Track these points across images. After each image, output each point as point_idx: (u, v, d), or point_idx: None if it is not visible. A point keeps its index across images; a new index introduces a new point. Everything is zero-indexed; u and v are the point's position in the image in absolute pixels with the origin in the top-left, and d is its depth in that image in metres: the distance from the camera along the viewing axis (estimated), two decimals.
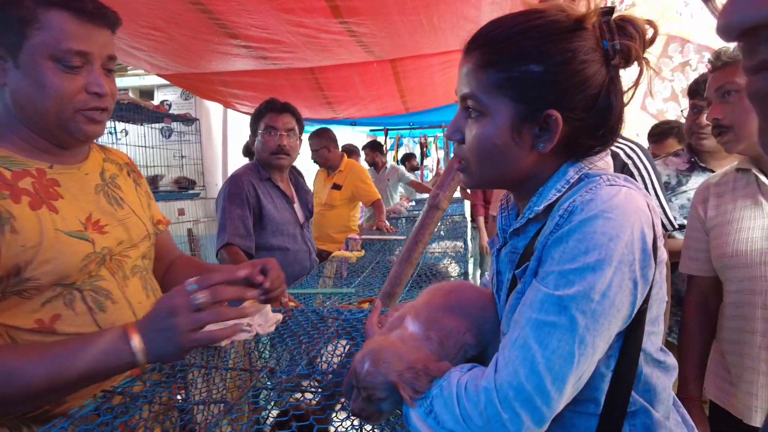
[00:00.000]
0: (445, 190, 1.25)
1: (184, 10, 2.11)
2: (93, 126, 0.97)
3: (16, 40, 0.88)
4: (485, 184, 0.80)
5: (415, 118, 4.69)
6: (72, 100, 0.92)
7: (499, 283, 0.85)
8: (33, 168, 0.94)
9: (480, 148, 0.74)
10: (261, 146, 2.20)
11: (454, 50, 2.99)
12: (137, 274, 1.09)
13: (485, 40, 0.72)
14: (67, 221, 0.94)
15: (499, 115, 0.71)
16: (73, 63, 0.90)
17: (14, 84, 0.90)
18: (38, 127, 0.94)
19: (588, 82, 0.69)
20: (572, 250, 0.64)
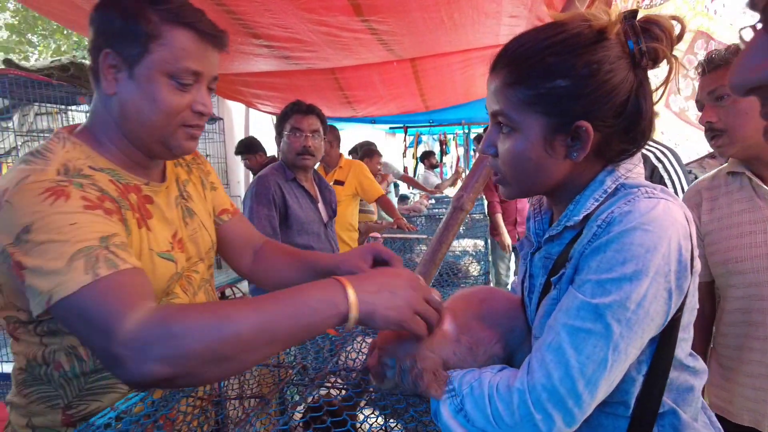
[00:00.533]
0: (470, 191, 1.26)
1: (208, 10, 2.12)
2: (191, 143, 0.98)
3: (137, 53, 0.89)
4: (523, 193, 0.82)
5: (435, 116, 4.68)
6: (178, 115, 0.93)
7: (531, 287, 0.87)
8: (133, 183, 0.96)
9: (514, 162, 0.76)
10: (287, 147, 2.25)
11: (474, 48, 3.00)
12: (203, 288, 1.10)
13: (511, 59, 0.74)
14: (159, 241, 0.96)
15: (530, 129, 0.73)
16: (186, 81, 0.91)
17: (125, 94, 0.91)
18: (139, 138, 0.95)
19: (616, 90, 0.70)
20: (610, 260, 0.66)
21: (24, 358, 0.93)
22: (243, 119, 4.62)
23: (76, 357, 0.91)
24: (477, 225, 3.22)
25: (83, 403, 0.93)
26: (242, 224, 1.26)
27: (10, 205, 0.77)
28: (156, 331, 0.67)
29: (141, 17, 0.88)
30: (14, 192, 0.78)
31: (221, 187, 1.25)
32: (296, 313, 0.70)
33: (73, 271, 0.72)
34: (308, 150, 2.22)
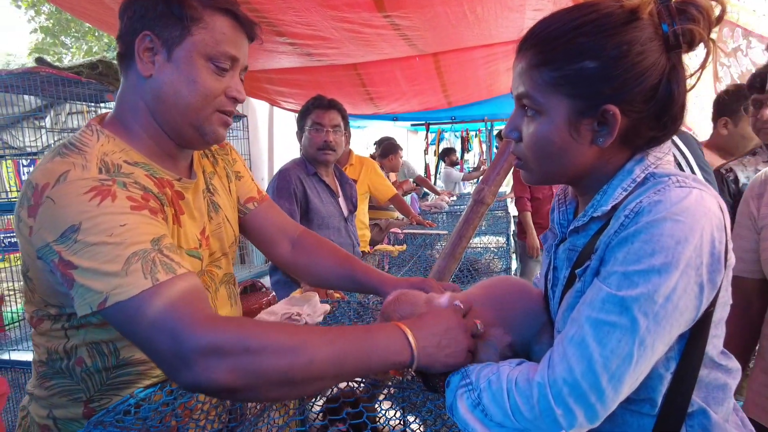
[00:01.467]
0: (491, 185, 1.24)
1: None
2: (223, 129, 0.97)
3: (178, 35, 0.89)
4: (546, 180, 0.80)
5: (458, 113, 4.64)
6: (214, 100, 0.93)
7: (554, 279, 0.85)
8: (166, 178, 0.94)
9: (538, 146, 0.74)
10: (308, 142, 2.26)
11: (497, 43, 2.96)
12: (224, 284, 1.09)
13: (538, 39, 0.72)
14: (189, 238, 0.96)
15: (555, 112, 0.71)
16: (223, 65, 0.92)
17: (163, 76, 0.90)
18: (173, 122, 0.93)
19: (646, 73, 0.67)
20: (638, 252, 0.63)
21: (45, 351, 0.94)
22: (267, 117, 4.66)
23: (98, 352, 0.91)
24: (499, 222, 3.18)
25: (105, 397, 0.93)
26: (273, 211, 1.24)
27: (53, 202, 0.77)
28: (234, 342, 0.68)
29: (183, 1, 0.89)
30: (57, 189, 0.77)
31: (248, 174, 1.23)
32: (364, 354, 0.73)
33: (132, 275, 0.72)
34: (329, 145, 2.22)
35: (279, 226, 1.23)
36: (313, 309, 1.23)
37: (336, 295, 1.55)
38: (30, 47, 11.66)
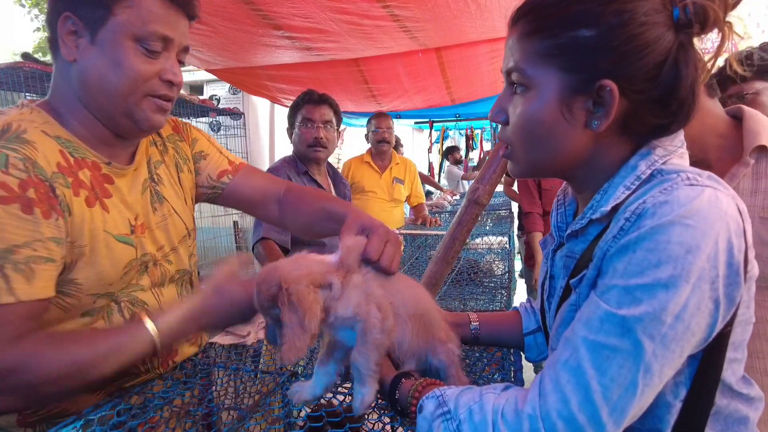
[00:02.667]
0: (486, 183, 1.15)
1: (227, 2, 2.12)
2: (159, 116, 0.91)
3: (101, 15, 0.82)
4: (534, 170, 0.71)
5: (462, 110, 4.55)
6: (144, 84, 0.86)
7: (551, 289, 0.77)
8: (91, 160, 0.89)
9: (525, 127, 0.66)
10: (298, 139, 2.17)
11: (501, 37, 2.86)
12: (175, 282, 1.04)
13: (531, 6, 0.64)
14: (117, 223, 0.90)
15: (545, 87, 0.63)
16: (154, 47, 0.85)
17: (87, 61, 0.84)
18: (103, 110, 0.88)
19: (649, 47, 0.58)
20: (641, 262, 0.54)
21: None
22: (268, 115, 4.60)
23: None
24: (502, 221, 3.08)
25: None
26: (253, 177, 1.19)
27: None
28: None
29: None
30: None
31: (214, 149, 1.16)
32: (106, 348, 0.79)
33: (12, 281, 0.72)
34: (320, 141, 2.13)
35: (262, 190, 1.18)
36: None
37: None
38: (34, 46, 11.69)
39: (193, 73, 5.82)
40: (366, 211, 3.02)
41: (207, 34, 2.55)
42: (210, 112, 3.87)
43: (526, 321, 0.95)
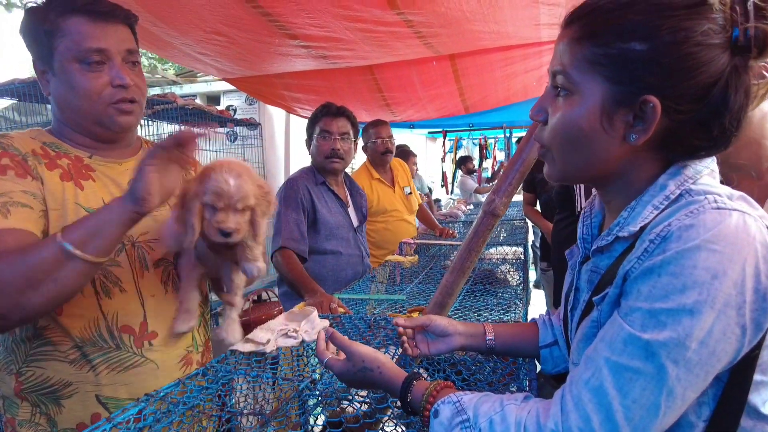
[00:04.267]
0: (502, 195, 1.16)
1: (244, 13, 2.16)
2: (125, 117, 1.04)
3: (48, 52, 0.98)
4: (567, 175, 0.71)
5: (475, 119, 4.55)
6: (100, 96, 0.99)
7: (575, 302, 0.77)
8: (73, 155, 1.04)
9: (563, 131, 0.66)
10: (316, 150, 2.21)
11: (514, 45, 2.87)
12: (161, 267, 1.11)
13: (586, 12, 0.64)
14: (90, 199, 1.01)
15: (589, 94, 0.63)
16: (93, 60, 0.97)
17: (54, 90, 1.01)
18: (78, 124, 1.03)
19: (701, 68, 0.58)
20: (665, 286, 0.54)
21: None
22: (284, 125, 4.65)
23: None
24: (517, 232, 3.07)
25: (30, 369, 0.99)
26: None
27: None
28: None
29: (42, 19, 0.97)
30: None
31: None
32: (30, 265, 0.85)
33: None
34: (337, 153, 2.16)
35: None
36: (311, 325, 1.17)
37: (340, 310, 1.48)
38: None
39: (210, 83, 5.91)
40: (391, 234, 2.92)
41: (224, 44, 2.60)
42: (227, 122, 3.93)
43: (543, 334, 0.95)
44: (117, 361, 1.02)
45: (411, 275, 2.13)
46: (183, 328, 1.09)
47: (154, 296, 1.08)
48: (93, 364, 1.00)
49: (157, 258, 1.10)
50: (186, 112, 3.34)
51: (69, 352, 1.00)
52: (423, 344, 0.96)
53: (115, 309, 1.02)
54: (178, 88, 6.03)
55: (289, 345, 1.13)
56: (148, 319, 1.06)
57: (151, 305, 1.07)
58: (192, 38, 2.49)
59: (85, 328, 1.00)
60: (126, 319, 1.03)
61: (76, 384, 1.00)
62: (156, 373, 1.07)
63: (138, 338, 1.04)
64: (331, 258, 2.11)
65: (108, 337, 1.01)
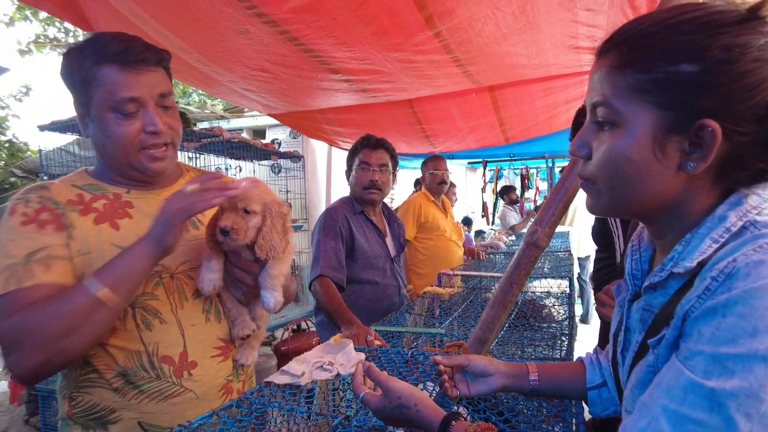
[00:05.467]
0: (545, 226, 1.12)
1: (287, 51, 2.24)
2: (157, 163, 1.07)
3: (85, 99, 1.02)
4: (616, 209, 0.67)
5: (516, 149, 4.49)
6: (133, 142, 1.03)
7: (625, 342, 0.71)
8: (111, 193, 1.09)
9: (612, 165, 0.61)
10: (355, 181, 2.24)
11: (555, 76, 2.83)
12: (201, 297, 1.12)
13: (624, 37, 0.61)
14: (126, 237, 1.03)
15: (637, 125, 0.59)
16: (127, 110, 1.01)
17: (92, 134, 1.05)
18: (113, 166, 1.08)
19: (761, 86, 0.54)
20: (732, 329, 0.49)
21: None
22: (326, 157, 4.75)
23: None
24: (562, 264, 2.96)
25: (80, 395, 1.03)
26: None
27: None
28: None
29: (79, 67, 1.00)
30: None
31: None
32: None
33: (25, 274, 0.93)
34: (375, 184, 2.19)
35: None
36: (347, 358, 1.14)
37: (376, 342, 1.45)
38: None
39: (256, 118, 6.15)
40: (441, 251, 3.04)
41: (269, 80, 2.70)
42: (271, 155, 4.06)
43: (590, 374, 0.89)
44: (157, 390, 1.03)
45: (450, 308, 2.08)
46: (245, 331, 1.11)
47: (194, 326, 1.09)
48: (135, 392, 1.02)
49: (196, 288, 1.11)
50: (232, 146, 3.47)
51: (113, 380, 1.02)
52: (462, 385, 0.92)
53: (155, 340, 1.04)
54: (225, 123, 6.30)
55: (324, 378, 1.10)
56: (188, 349, 1.07)
57: (191, 335, 1.08)
58: (238, 75, 2.61)
59: (128, 358, 1.03)
60: (166, 350, 1.05)
61: (120, 411, 1.02)
62: (195, 403, 1.07)
63: (178, 369, 1.05)
64: (367, 288, 2.10)
65: (149, 368, 1.03)
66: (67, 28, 9.49)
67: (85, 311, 0.90)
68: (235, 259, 1.10)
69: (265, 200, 1.03)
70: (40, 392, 2.48)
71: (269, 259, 1.06)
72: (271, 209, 1.03)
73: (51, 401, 2.48)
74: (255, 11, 1.79)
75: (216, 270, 1.08)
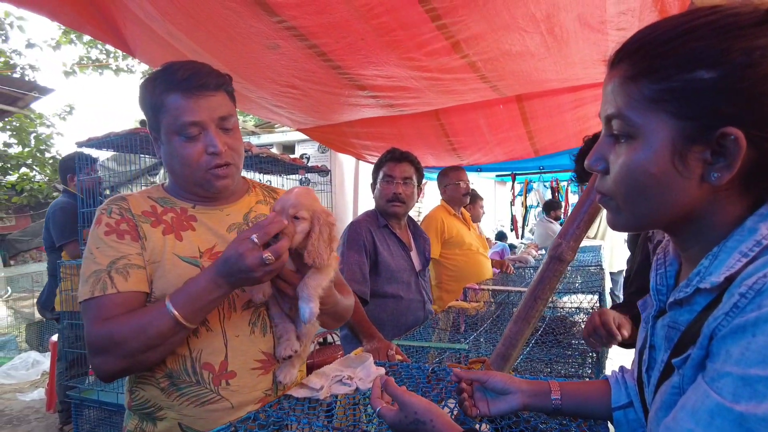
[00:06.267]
0: (569, 239, 1.09)
1: (316, 67, 2.28)
2: (220, 181, 1.13)
3: (156, 124, 1.11)
4: (638, 224, 0.64)
5: (546, 162, 4.41)
6: (198, 163, 1.10)
7: (650, 361, 0.68)
8: (179, 207, 1.18)
9: (631, 179, 0.59)
10: (379, 194, 2.24)
11: (584, 85, 2.78)
12: (251, 308, 1.14)
13: (636, 46, 0.59)
14: (186, 248, 1.12)
15: (655, 136, 0.57)
16: (190, 133, 1.08)
17: (163, 157, 1.14)
18: (183, 186, 1.17)
19: None
20: (762, 349, 0.46)
21: None
22: (353, 171, 4.79)
23: None
24: (593, 278, 2.88)
25: (137, 389, 1.11)
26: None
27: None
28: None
29: (151, 95, 1.09)
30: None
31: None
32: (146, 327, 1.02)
33: (85, 286, 1.05)
34: (398, 197, 2.19)
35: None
36: (366, 372, 1.13)
37: (398, 357, 1.43)
38: None
39: (286, 133, 6.28)
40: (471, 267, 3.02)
41: (298, 97, 2.75)
42: (299, 169, 4.12)
43: (616, 393, 0.85)
44: (195, 395, 1.07)
45: (476, 323, 2.04)
46: (287, 352, 1.12)
47: (238, 336, 1.11)
48: (177, 394, 1.07)
49: (247, 299, 1.13)
50: (261, 160, 3.53)
51: (161, 380, 1.08)
52: (482, 403, 0.89)
53: (200, 347, 1.08)
54: (256, 138, 6.45)
55: (343, 392, 1.10)
56: (228, 359, 1.09)
57: (234, 345, 1.10)
58: (268, 92, 2.67)
59: (174, 361, 1.08)
60: (208, 357, 1.08)
61: (165, 410, 1.08)
62: (230, 412, 1.08)
63: (217, 376, 1.07)
64: (391, 302, 2.09)
65: (191, 372, 1.07)
66: (108, 50, 9.95)
67: (167, 334, 0.99)
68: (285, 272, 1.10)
69: (315, 208, 1.06)
70: (73, 400, 2.55)
71: (312, 269, 1.06)
72: (320, 217, 1.05)
73: (83, 409, 2.55)
74: (285, 25, 1.84)
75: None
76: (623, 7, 1.82)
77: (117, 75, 10.39)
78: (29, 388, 4.77)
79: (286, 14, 1.77)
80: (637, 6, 1.80)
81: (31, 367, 5.13)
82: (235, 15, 1.79)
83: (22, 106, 6.15)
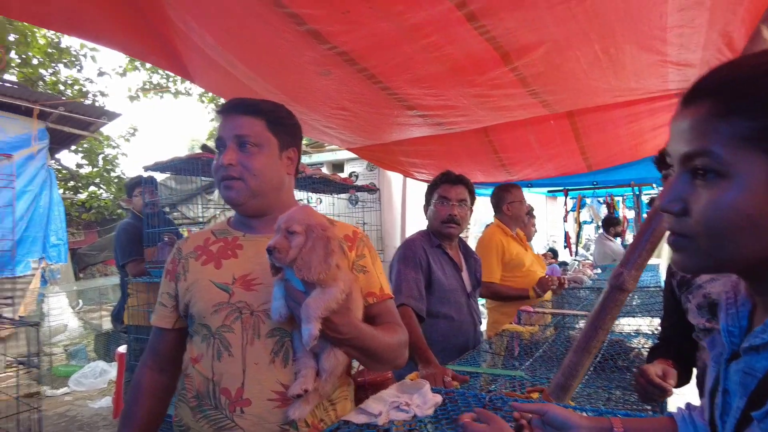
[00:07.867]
0: (631, 268, 1.06)
1: (366, 89, 2.34)
2: (227, 192, 1.21)
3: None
4: (716, 267, 0.61)
5: (600, 177, 4.26)
6: (216, 173, 1.23)
7: (725, 406, 0.64)
8: (231, 236, 1.26)
9: (722, 220, 0.56)
10: (433, 215, 2.26)
11: (639, 100, 2.69)
12: (276, 337, 1.13)
13: (720, 85, 0.58)
14: (222, 275, 1.19)
15: (749, 175, 0.54)
16: (218, 147, 1.24)
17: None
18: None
19: None
20: None
21: None
22: (401, 189, 4.83)
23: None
24: (653, 300, 2.75)
25: (177, 405, 1.20)
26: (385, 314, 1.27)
27: None
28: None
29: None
30: None
31: (374, 271, 1.29)
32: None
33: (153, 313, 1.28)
34: (454, 218, 2.19)
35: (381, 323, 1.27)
36: (423, 399, 1.14)
37: (454, 383, 1.43)
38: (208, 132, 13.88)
39: (335, 152, 6.42)
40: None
41: (348, 118, 2.82)
42: (349, 189, 4.21)
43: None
44: (214, 419, 1.10)
45: (531, 347, 2.00)
46: (295, 390, 1.05)
47: (257, 364, 1.10)
48: (201, 416, 1.12)
49: (273, 327, 1.12)
50: (313, 181, 3.64)
51: (191, 400, 1.15)
52: None
53: (221, 371, 1.11)
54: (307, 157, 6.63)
55: (401, 419, 1.11)
56: (245, 386, 1.09)
57: (252, 373, 1.10)
58: (319, 114, 2.75)
59: (201, 383, 1.13)
60: (227, 382, 1.10)
61: (193, 429, 1.13)
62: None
63: (232, 402, 1.09)
64: (443, 322, 2.08)
65: (212, 396, 1.11)
66: (168, 74, 10.55)
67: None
68: (288, 289, 1.06)
69: (310, 222, 1.05)
70: None
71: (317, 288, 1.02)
72: (314, 231, 1.04)
73: None
74: (336, 51, 1.89)
75: (280, 297, 1.08)
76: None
77: (176, 98, 10.98)
78: (98, 396, 5.05)
79: (337, 41, 1.83)
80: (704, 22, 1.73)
81: (99, 376, 5.43)
82: (289, 45, 1.87)
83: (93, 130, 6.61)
